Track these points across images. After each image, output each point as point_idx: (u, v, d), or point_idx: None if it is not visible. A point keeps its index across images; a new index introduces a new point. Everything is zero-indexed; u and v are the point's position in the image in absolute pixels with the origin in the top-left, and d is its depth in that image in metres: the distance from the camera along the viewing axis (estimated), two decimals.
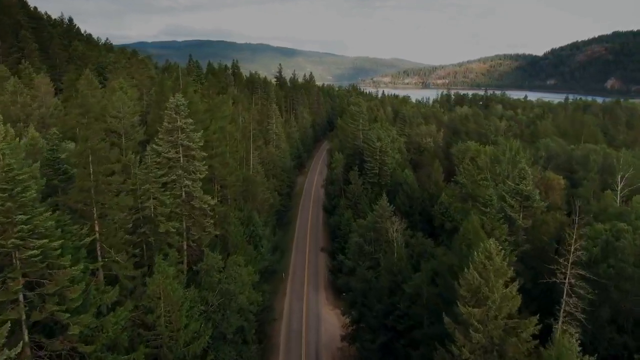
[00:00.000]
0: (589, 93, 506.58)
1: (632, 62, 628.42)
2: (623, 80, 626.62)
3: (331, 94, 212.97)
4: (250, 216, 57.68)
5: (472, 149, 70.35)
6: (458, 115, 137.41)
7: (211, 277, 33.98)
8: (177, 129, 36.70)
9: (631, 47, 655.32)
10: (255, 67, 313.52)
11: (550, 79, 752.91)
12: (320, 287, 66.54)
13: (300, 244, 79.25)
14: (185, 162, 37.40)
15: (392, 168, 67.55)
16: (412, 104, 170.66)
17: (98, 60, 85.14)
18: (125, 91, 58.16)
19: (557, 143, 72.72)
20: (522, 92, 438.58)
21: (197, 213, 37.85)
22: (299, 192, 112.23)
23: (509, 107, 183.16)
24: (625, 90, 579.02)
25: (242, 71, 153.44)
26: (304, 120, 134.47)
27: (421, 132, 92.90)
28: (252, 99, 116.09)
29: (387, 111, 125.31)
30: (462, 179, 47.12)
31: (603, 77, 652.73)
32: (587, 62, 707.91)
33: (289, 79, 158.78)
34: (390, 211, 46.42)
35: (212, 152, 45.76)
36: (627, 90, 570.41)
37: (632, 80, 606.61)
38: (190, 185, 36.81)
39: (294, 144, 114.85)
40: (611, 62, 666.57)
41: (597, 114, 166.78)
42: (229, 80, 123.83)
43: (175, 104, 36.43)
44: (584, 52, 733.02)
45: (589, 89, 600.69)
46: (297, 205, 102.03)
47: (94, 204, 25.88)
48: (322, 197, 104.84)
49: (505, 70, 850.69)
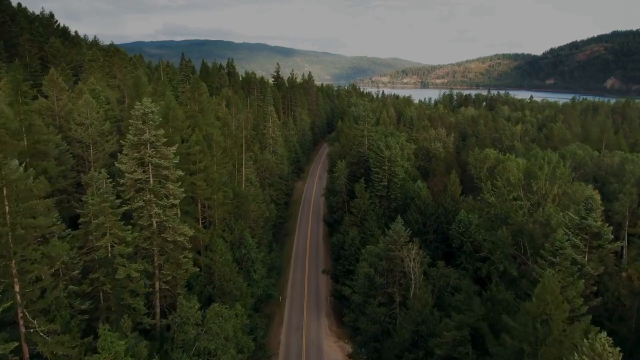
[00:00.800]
0: (589, 92, 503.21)
1: (631, 61, 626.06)
2: (623, 80, 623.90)
3: (330, 94, 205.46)
4: (242, 237, 50.15)
5: (491, 157, 62.94)
6: (464, 117, 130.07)
7: (185, 333, 26.46)
8: (144, 142, 29.10)
9: (631, 46, 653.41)
10: (253, 67, 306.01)
11: (550, 78, 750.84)
12: (321, 314, 58.94)
13: (299, 262, 71.66)
14: (155, 184, 29.81)
15: (402, 179, 60.04)
16: (415, 105, 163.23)
17: (77, 58, 77.19)
18: (98, 93, 50.42)
19: (584, 150, 65.37)
20: (522, 91, 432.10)
21: (171, 247, 30.26)
22: (297, 199, 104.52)
23: (514, 108, 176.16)
24: (625, 89, 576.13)
25: (237, 71, 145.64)
26: (302, 122, 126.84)
27: (430, 137, 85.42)
28: (248, 101, 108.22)
29: (391, 113, 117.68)
30: (490, 196, 39.78)
31: (603, 77, 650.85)
32: (587, 62, 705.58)
33: (287, 78, 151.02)
34: (407, 236, 39.02)
35: (195, 167, 38.23)
36: (627, 90, 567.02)
37: (631, 80, 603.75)
38: (161, 214, 29.20)
39: (292, 147, 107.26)
40: (611, 61, 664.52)
41: (608, 115, 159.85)
42: (223, 81, 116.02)
43: (142, 112, 28.79)
44: (584, 52, 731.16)
45: (588, 88, 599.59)
46: (296, 216, 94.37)
47: (12, 257, 18.36)
48: (322, 207, 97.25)
49: (504, 69, 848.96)
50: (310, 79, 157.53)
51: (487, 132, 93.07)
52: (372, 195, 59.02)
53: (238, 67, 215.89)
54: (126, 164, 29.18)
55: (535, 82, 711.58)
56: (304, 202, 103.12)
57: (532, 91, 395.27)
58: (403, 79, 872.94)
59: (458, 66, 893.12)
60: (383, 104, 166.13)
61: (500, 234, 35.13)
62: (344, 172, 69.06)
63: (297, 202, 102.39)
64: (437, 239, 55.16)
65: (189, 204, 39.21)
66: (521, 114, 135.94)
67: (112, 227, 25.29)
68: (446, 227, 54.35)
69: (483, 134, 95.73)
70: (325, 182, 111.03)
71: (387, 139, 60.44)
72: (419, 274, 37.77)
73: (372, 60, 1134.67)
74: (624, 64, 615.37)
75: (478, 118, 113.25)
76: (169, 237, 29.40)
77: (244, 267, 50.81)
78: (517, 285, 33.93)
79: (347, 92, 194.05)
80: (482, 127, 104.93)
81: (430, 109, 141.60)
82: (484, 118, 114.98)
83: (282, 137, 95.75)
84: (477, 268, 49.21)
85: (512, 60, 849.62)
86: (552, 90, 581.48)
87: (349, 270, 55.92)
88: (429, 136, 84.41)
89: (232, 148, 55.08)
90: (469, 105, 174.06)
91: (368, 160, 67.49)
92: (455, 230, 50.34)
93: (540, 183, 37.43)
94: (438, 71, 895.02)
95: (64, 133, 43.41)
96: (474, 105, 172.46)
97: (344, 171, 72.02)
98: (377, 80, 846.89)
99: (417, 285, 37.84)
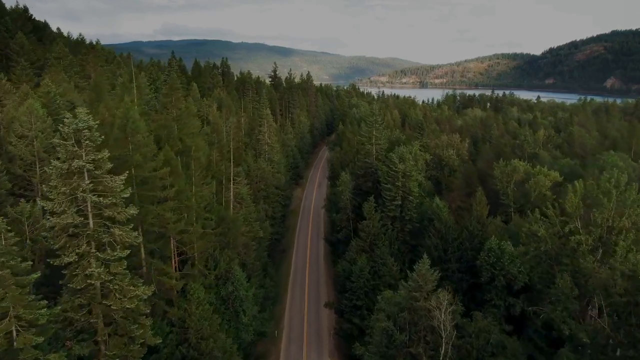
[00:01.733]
0: (589, 92, 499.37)
1: (631, 61, 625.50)
2: (623, 80, 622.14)
3: (329, 94, 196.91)
4: (229, 271, 41.50)
5: (521, 170, 54.37)
6: (473, 119, 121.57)
7: None
8: (78, 171, 20.36)
9: (630, 46, 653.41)
10: (251, 67, 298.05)
11: (549, 78, 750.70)
12: (323, 353, 50.39)
13: (297, 288, 63.02)
14: (96, 228, 21.06)
15: (417, 197, 51.36)
16: (419, 106, 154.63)
17: (45, 55, 68.13)
18: (54, 97, 41.51)
19: (625, 161, 56.95)
20: (522, 91, 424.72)
21: (121, 315, 21.52)
22: (295, 209, 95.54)
23: (521, 109, 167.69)
24: (626, 89, 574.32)
25: (233, 71, 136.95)
26: (301, 125, 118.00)
27: (442, 143, 76.74)
28: (242, 103, 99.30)
29: (395, 115, 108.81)
30: (539, 228, 31.22)
31: (602, 77, 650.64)
32: (586, 61, 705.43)
33: (285, 78, 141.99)
34: (435, 279, 30.49)
35: (164, 193, 29.51)
36: (628, 90, 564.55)
37: (632, 80, 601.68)
38: (103, 273, 20.42)
39: (290, 152, 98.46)
40: (610, 61, 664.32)
41: (621, 116, 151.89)
42: (216, 81, 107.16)
43: (74, 128, 20.03)
44: (583, 52, 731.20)
45: (588, 88, 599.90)
46: (294, 228, 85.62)
47: None
48: (322, 217, 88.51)
49: (503, 69, 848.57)
50: (309, 79, 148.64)
51: (503, 138, 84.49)
52: (383, 216, 50.30)
53: (236, 67, 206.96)
54: (53, 201, 20.40)
55: (535, 82, 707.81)
56: (303, 212, 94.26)
57: (532, 91, 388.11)
58: (402, 79, 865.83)
59: (457, 66, 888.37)
60: (385, 104, 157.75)
61: (562, 284, 26.61)
62: (348, 185, 60.28)
63: (296, 212, 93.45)
64: (460, 269, 46.56)
65: (157, 239, 30.46)
66: (531, 115, 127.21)
67: (16, 305, 16.59)
68: (471, 255, 45.86)
69: (497, 140, 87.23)
70: (325, 190, 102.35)
71: (400, 149, 51.74)
72: (450, 330, 29.37)
73: (371, 60, 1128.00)
74: (624, 63, 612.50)
75: (488, 120, 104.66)
76: (115, 304, 20.63)
77: (231, 307, 42.27)
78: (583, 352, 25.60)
79: (347, 93, 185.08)
80: (495, 132, 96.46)
81: (434, 111, 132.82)
82: (494, 120, 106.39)
83: (279, 143, 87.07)
84: (509, 304, 40.99)
85: (511, 60, 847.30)
86: (551, 90, 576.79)
87: (357, 305, 47.25)
88: (441, 142, 75.71)
89: (218, 162, 46.41)
90: (473, 106, 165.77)
91: (377, 172, 58.79)
92: (485, 261, 41.83)
93: (606, 213, 29.10)
94: (437, 71, 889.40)
95: (6, 147, 34.73)
96: (479, 106, 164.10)
97: (348, 185, 63.13)
98: (376, 80, 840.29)
99: (449, 343, 29.44)
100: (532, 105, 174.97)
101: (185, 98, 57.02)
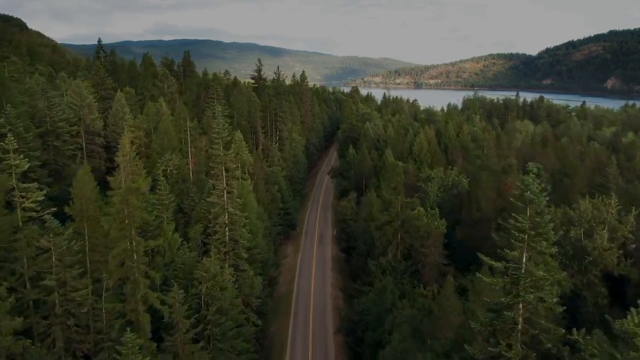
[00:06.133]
0: (589, 93, 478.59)
1: (631, 61, 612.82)
2: (624, 80, 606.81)
3: (327, 98, 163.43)
4: None
5: None
6: (532, 138, 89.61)
7: None
8: None
9: (630, 45, 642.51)
10: (242, 67, 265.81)
11: (547, 78, 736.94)
12: None
13: None
14: None
15: None
16: (443, 114, 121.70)
17: None
18: None
19: None
20: (521, 92, 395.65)
21: None
22: (286, 293, 55.00)
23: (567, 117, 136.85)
24: (627, 89, 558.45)
25: (197, 69, 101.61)
26: (293, 145, 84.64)
27: (583, 216, 42.25)
28: (202, 120, 65.18)
29: (430, 135, 75.01)
30: None
31: (602, 77, 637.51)
32: (585, 61, 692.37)
33: (271, 80, 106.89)
34: None
35: None
36: (629, 90, 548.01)
37: (633, 80, 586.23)
38: None
39: (276, 194, 64.33)
40: (610, 61, 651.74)
41: None
42: (169, 84, 72.84)
43: None
44: (581, 51, 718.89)
45: (588, 88, 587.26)
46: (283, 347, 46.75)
47: None
48: (332, 314, 50.18)
49: (499, 69, 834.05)
50: (304, 80, 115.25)
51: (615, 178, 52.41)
52: None
53: (226, 67, 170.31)
54: None
55: (532, 82, 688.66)
56: (297, 303, 52.85)
57: (530, 91, 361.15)
58: (396, 79, 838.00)
59: (452, 66, 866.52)
60: (399, 111, 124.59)
61: None
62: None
63: (286, 302, 53.25)
64: None
65: None
66: (608, 131, 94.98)
67: None
68: None
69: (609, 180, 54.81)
70: (331, 248, 68.97)
71: None
72: None
73: (363, 60, 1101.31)
74: (624, 63, 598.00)
75: (564, 146, 72.43)
76: None
77: None
78: None
79: (349, 97, 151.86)
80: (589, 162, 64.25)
81: (471, 123, 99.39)
82: (571, 144, 74.07)
83: (257, 188, 53.58)
84: None
85: (507, 60, 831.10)
86: (550, 90, 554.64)
87: None
88: (582, 214, 40.97)
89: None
90: (510, 114, 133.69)
91: None
92: None
93: None
94: (432, 71, 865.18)
95: None
96: (519, 115, 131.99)
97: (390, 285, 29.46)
98: (370, 80, 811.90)
99: None
100: (576, 111, 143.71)
101: None
